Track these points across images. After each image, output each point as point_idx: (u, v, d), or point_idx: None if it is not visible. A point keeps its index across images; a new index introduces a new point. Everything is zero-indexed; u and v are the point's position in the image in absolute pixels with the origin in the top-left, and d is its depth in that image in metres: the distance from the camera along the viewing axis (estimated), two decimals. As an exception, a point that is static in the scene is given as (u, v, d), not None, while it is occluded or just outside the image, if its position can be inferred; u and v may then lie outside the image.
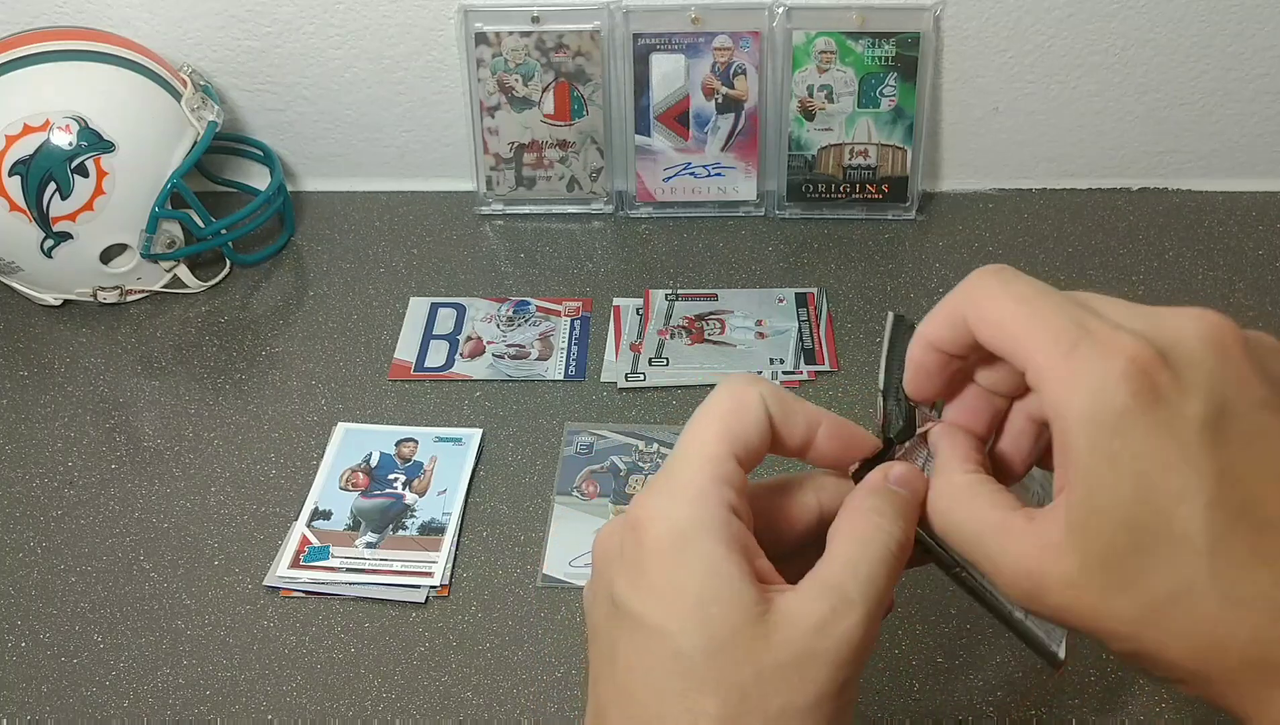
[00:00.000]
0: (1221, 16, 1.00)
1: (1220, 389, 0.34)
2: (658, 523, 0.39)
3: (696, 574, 0.38)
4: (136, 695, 0.72)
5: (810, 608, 0.38)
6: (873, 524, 0.40)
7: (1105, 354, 0.34)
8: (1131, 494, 0.34)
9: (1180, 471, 0.34)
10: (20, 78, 0.92)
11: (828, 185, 1.06)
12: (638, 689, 0.38)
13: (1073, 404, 0.35)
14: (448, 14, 1.02)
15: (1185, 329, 0.35)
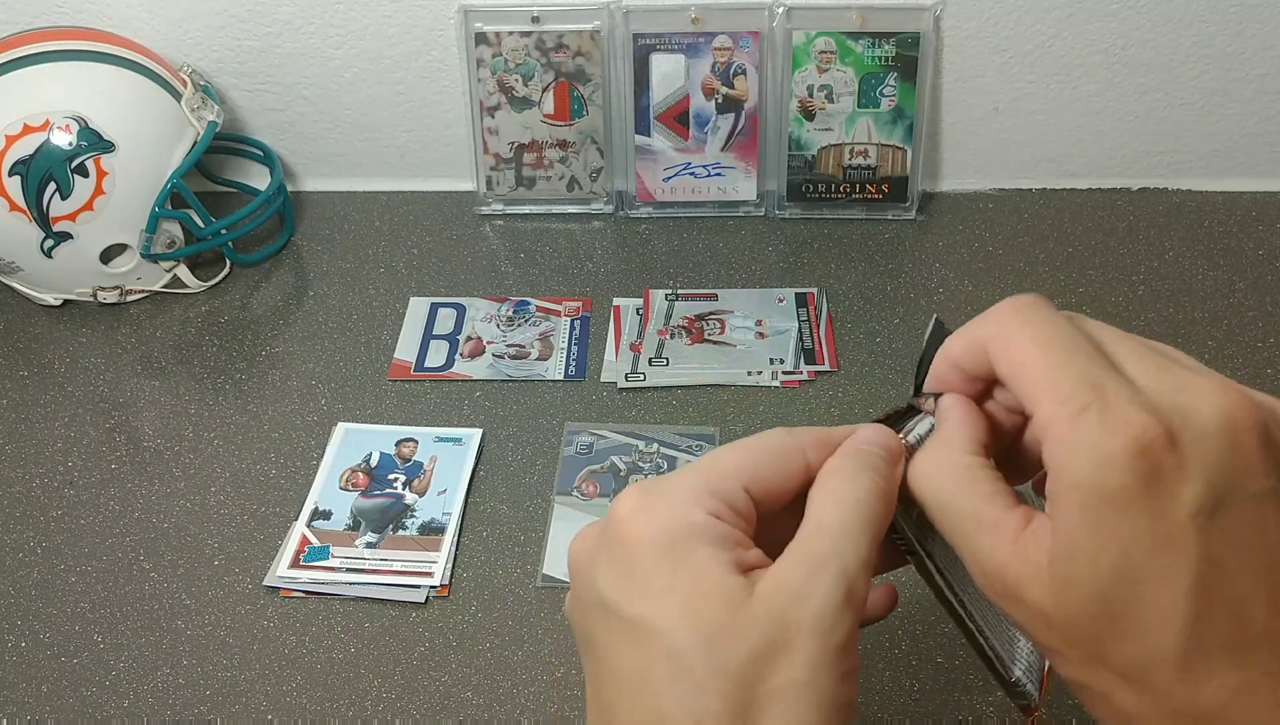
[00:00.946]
0: (1221, 16, 1.00)
1: (1223, 476, 0.34)
2: (639, 519, 0.39)
3: (682, 572, 0.38)
4: (136, 695, 0.72)
5: (786, 578, 0.38)
6: (847, 483, 0.40)
7: (1112, 427, 0.34)
8: (1113, 569, 0.34)
9: (1166, 557, 0.34)
10: (20, 78, 0.92)
11: (828, 185, 1.06)
12: (640, 693, 0.38)
13: (1070, 468, 0.35)
14: (448, 14, 1.02)
15: (1201, 407, 0.35)
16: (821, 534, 0.39)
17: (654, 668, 0.37)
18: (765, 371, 0.91)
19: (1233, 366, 0.90)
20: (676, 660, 0.37)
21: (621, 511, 0.39)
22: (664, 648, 0.37)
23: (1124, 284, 0.99)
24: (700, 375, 0.91)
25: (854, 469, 0.41)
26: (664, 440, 0.86)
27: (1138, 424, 0.34)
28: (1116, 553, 0.34)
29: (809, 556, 0.38)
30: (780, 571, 0.38)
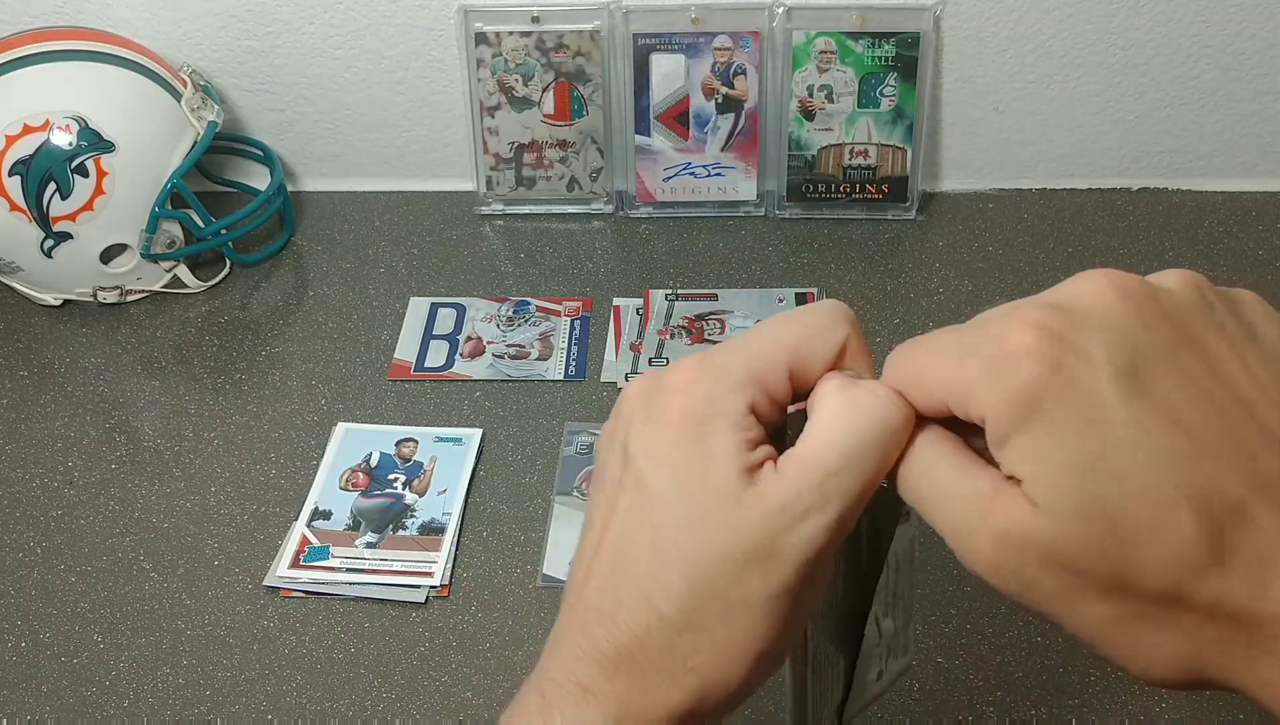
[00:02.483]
0: (1221, 16, 1.00)
1: (1124, 337, 0.33)
2: (684, 397, 0.39)
3: (698, 455, 0.38)
4: (136, 695, 0.72)
5: (784, 495, 0.37)
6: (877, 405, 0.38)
7: (995, 338, 0.34)
8: (1077, 468, 0.32)
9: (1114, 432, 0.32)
10: (20, 78, 0.92)
11: (828, 185, 1.06)
12: (624, 547, 0.39)
13: (988, 393, 0.34)
14: (448, 14, 1.02)
15: (1074, 292, 0.35)
16: (831, 456, 0.37)
17: (643, 531, 0.39)
18: (765, 371, 0.91)
19: (1233, 366, 0.90)
20: (661, 532, 0.38)
21: (672, 381, 0.40)
22: (656, 516, 0.38)
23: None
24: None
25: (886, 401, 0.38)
26: (664, 440, 0.86)
27: (1018, 323, 0.34)
28: (1073, 451, 0.32)
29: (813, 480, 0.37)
30: (781, 488, 0.37)
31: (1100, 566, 0.33)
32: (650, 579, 0.38)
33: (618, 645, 0.38)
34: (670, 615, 0.38)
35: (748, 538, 0.37)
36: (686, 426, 0.39)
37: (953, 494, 0.36)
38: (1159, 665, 0.34)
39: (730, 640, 0.38)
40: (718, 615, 0.38)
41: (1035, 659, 0.72)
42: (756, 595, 0.37)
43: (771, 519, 0.37)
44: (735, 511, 0.37)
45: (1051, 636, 0.73)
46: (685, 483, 0.38)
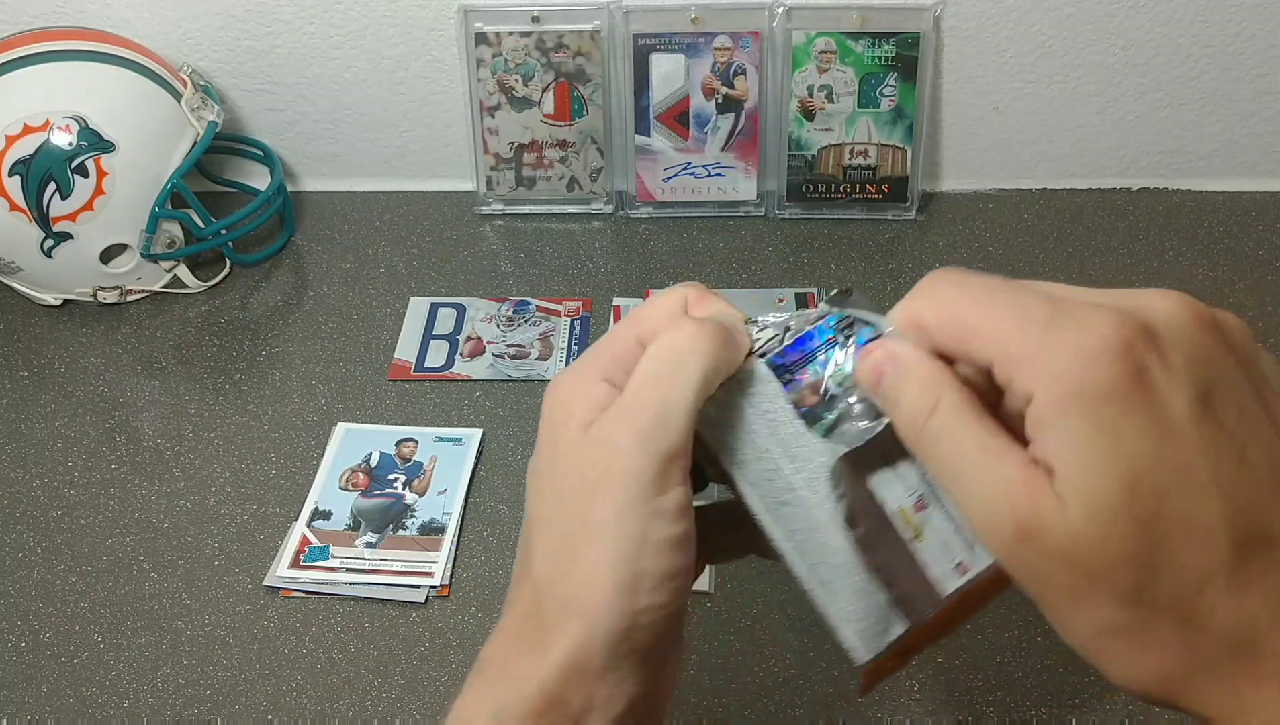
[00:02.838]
0: (1221, 16, 1.00)
1: (1203, 365, 0.33)
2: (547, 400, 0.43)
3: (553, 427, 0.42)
4: (136, 695, 0.72)
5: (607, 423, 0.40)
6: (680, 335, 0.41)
7: (1085, 327, 0.33)
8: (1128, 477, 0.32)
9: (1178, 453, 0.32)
10: (20, 78, 0.92)
11: (828, 185, 1.06)
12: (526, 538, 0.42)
13: (1059, 376, 0.33)
14: (448, 14, 1.02)
15: (1160, 306, 0.34)
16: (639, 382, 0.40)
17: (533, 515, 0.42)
18: (765, 371, 0.91)
19: (1233, 366, 0.90)
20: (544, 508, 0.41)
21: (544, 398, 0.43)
22: (536, 494, 0.42)
23: (1124, 284, 0.97)
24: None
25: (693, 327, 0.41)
26: (664, 440, 0.86)
27: (1112, 321, 0.33)
28: (1128, 458, 0.32)
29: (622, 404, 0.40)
30: (605, 418, 0.40)
31: (1122, 574, 0.33)
32: (525, 548, 0.42)
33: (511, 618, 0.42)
34: (538, 571, 0.40)
35: (589, 469, 0.40)
36: (550, 412, 0.42)
37: (978, 473, 0.34)
38: (1143, 678, 0.35)
39: (591, 565, 0.39)
40: (574, 548, 0.39)
41: (1035, 659, 0.72)
42: (604, 518, 0.39)
43: (604, 451, 0.39)
44: (579, 449, 0.40)
45: (1052, 637, 0.72)
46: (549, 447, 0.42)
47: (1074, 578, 0.33)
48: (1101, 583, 0.33)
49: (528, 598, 0.41)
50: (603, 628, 0.38)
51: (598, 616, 0.38)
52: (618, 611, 0.38)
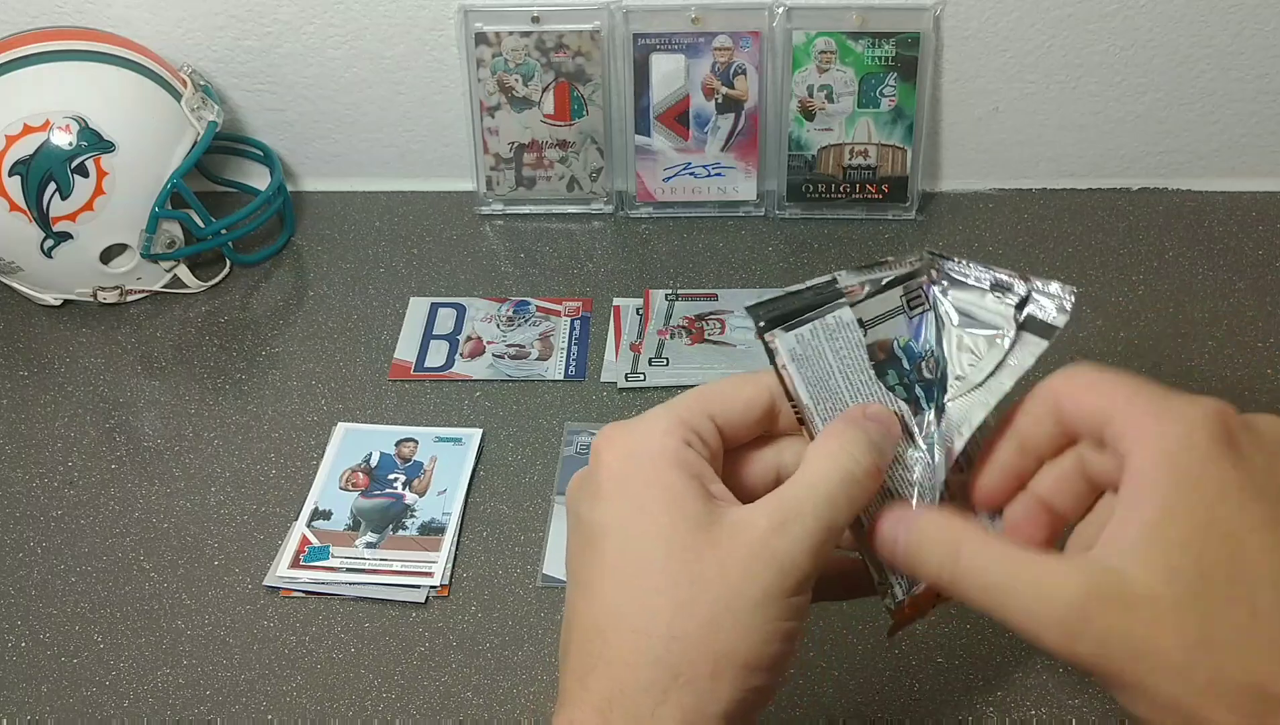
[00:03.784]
0: (1221, 16, 1.00)
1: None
2: (614, 447, 0.42)
3: (645, 486, 0.41)
4: (136, 695, 0.72)
5: (760, 518, 0.40)
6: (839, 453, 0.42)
7: (1191, 402, 0.38)
8: (1208, 519, 0.36)
9: (1254, 508, 0.36)
10: (20, 78, 0.92)
11: (828, 185, 1.06)
12: (594, 589, 0.41)
13: (1157, 441, 0.37)
14: (448, 14, 1.02)
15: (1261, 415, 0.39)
16: (804, 490, 0.41)
17: (616, 566, 0.40)
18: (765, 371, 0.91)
19: (1233, 366, 0.90)
20: (633, 559, 0.40)
21: (599, 442, 0.43)
22: (626, 549, 0.40)
23: (1124, 284, 0.98)
24: (700, 375, 0.91)
25: (853, 440, 0.42)
26: (664, 440, 0.86)
27: (1216, 403, 0.38)
28: (1207, 506, 0.36)
29: (786, 506, 0.40)
30: (754, 512, 0.40)
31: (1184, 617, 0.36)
32: (629, 607, 0.40)
33: (612, 680, 0.39)
34: (655, 630, 0.39)
35: (730, 561, 0.39)
36: (627, 469, 0.41)
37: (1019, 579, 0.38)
38: None
39: (715, 647, 0.39)
40: (702, 624, 0.39)
41: (1035, 659, 0.72)
42: (741, 602, 0.39)
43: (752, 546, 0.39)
44: (710, 538, 0.40)
45: (1051, 636, 0.72)
46: (643, 513, 0.40)
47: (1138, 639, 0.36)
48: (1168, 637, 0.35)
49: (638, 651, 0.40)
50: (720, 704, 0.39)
51: (722, 694, 0.39)
52: (739, 688, 0.39)
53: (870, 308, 0.46)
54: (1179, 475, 0.37)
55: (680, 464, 0.41)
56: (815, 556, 0.40)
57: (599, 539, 0.41)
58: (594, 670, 0.40)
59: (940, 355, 0.47)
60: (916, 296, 0.47)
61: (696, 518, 0.40)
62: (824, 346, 0.45)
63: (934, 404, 0.46)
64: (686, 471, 0.41)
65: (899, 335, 0.46)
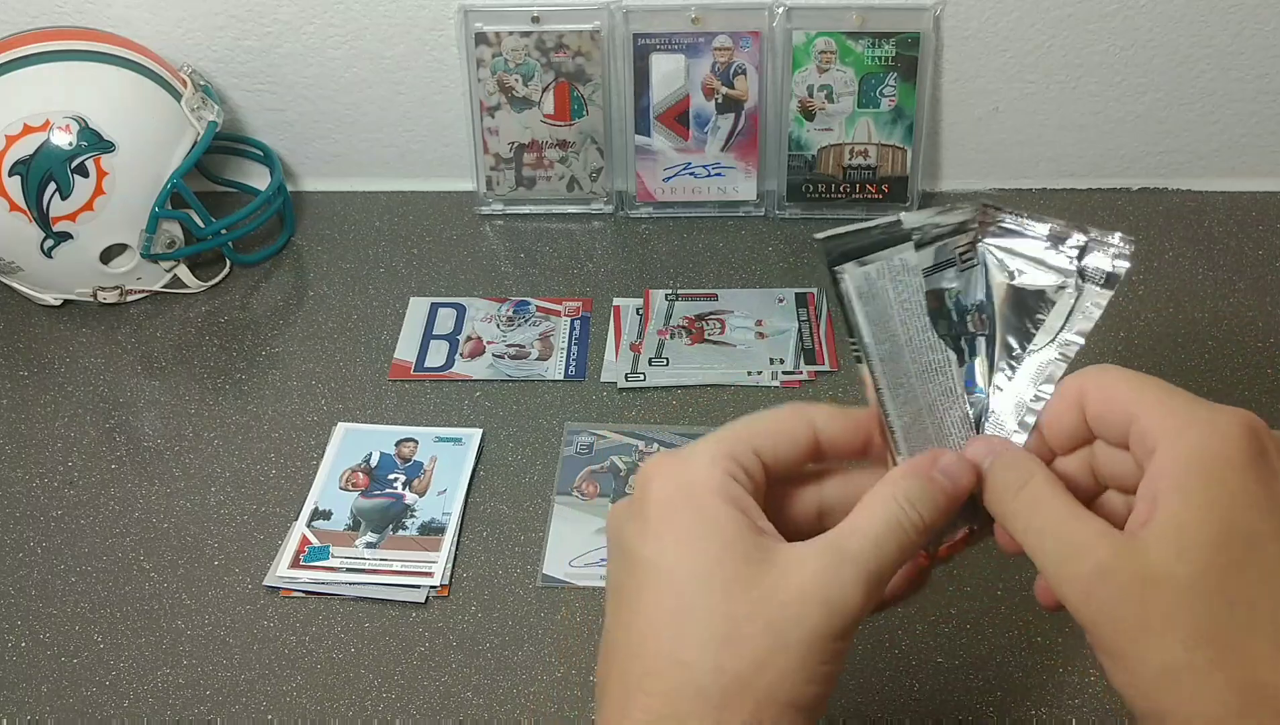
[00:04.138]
0: (1221, 16, 1.00)
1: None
2: (661, 479, 0.42)
3: (693, 519, 0.40)
4: (136, 695, 0.72)
5: (810, 558, 0.40)
6: (896, 502, 0.42)
7: (1221, 411, 0.39)
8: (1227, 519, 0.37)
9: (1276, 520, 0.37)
10: (20, 78, 0.92)
11: (828, 185, 1.06)
12: (638, 620, 0.41)
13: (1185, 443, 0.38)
14: (448, 14, 1.02)
15: None
16: (857, 536, 0.41)
17: (656, 597, 0.40)
18: (765, 372, 0.91)
19: (1233, 366, 0.90)
20: (675, 590, 0.40)
21: (645, 473, 0.42)
22: (667, 580, 0.40)
23: (1124, 284, 0.98)
24: (700, 375, 0.91)
25: (915, 494, 0.42)
26: (664, 440, 0.86)
27: (1247, 414, 0.39)
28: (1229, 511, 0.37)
29: (838, 550, 0.40)
30: (805, 552, 0.40)
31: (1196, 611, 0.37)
32: (674, 638, 0.40)
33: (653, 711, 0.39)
34: (701, 663, 0.39)
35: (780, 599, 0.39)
36: (676, 502, 0.41)
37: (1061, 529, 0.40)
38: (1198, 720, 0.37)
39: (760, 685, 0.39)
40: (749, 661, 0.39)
41: (1035, 659, 0.72)
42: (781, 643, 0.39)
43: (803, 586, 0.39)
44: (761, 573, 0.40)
45: (1051, 637, 0.73)
46: (689, 544, 0.40)
47: (1147, 613, 0.37)
48: (1174, 619, 0.37)
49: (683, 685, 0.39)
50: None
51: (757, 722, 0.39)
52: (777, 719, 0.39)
53: (927, 256, 0.46)
54: (1208, 478, 0.37)
55: (728, 498, 0.41)
56: (865, 601, 0.40)
57: (645, 571, 0.41)
58: (634, 700, 0.40)
59: (991, 310, 0.47)
60: (969, 250, 0.47)
61: (745, 553, 0.40)
62: (887, 286, 0.45)
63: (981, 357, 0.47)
64: (735, 505, 0.41)
65: (950, 286, 0.47)
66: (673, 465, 0.42)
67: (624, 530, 0.42)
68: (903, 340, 0.45)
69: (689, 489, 0.41)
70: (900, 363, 0.45)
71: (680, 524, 0.41)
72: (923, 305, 0.45)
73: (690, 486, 0.41)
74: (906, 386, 0.45)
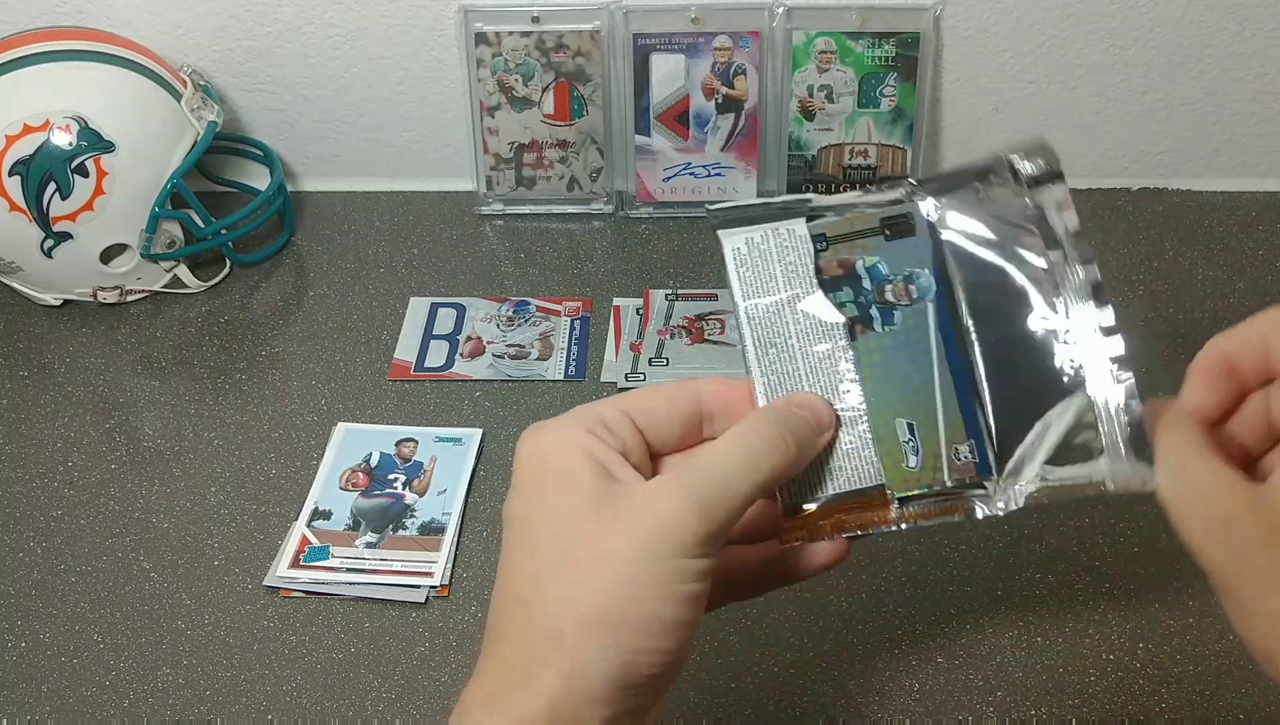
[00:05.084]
0: (1221, 16, 1.00)
1: None
2: (528, 444, 0.44)
3: (548, 474, 0.43)
4: (136, 695, 0.72)
5: (651, 487, 0.42)
6: (748, 429, 0.43)
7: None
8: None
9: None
10: (20, 78, 0.92)
11: (828, 185, 1.06)
12: (502, 573, 0.43)
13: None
14: (448, 14, 1.02)
15: None
16: (700, 467, 0.42)
17: (517, 547, 0.42)
18: (765, 371, 0.91)
19: (1233, 366, 0.90)
20: (529, 542, 0.42)
21: (518, 443, 0.44)
22: (525, 534, 0.42)
23: (1124, 284, 0.99)
24: (700, 375, 0.91)
25: (767, 422, 0.44)
26: (664, 440, 0.86)
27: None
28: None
29: (679, 484, 0.41)
30: (649, 490, 0.42)
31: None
32: (519, 580, 0.42)
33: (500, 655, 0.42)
34: (538, 598, 0.41)
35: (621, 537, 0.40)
36: (535, 462, 0.43)
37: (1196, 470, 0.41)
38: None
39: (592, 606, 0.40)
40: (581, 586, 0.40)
41: (1035, 659, 0.72)
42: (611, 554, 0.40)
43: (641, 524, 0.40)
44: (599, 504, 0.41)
45: (1051, 637, 0.73)
46: (542, 495, 0.42)
47: (1267, 564, 0.38)
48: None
49: (518, 628, 0.41)
50: (601, 664, 0.40)
51: (599, 650, 0.39)
52: (622, 648, 0.40)
53: (840, 226, 0.48)
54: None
55: (581, 450, 0.43)
56: (700, 517, 0.40)
57: (509, 529, 0.43)
58: (486, 650, 0.42)
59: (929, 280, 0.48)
60: (899, 220, 0.48)
61: (589, 494, 0.41)
62: (770, 251, 0.48)
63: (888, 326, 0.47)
64: (586, 455, 0.42)
65: (866, 256, 0.48)
66: (538, 432, 0.44)
67: (506, 500, 0.45)
68: (784, 301, 0.47)
69: (546, 450, 0.43)
70: (776, 323, 0.47)
71: (536, 481, 0.43)
72: (810, 271, 0.47)
73: (548, 447, 0.43)
74: (780, 347, 0.47)
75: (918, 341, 0.47)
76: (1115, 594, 0.75)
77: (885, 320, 0.47)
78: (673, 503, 0.40)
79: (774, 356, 0.47)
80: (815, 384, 0.47)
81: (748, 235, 0.48)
